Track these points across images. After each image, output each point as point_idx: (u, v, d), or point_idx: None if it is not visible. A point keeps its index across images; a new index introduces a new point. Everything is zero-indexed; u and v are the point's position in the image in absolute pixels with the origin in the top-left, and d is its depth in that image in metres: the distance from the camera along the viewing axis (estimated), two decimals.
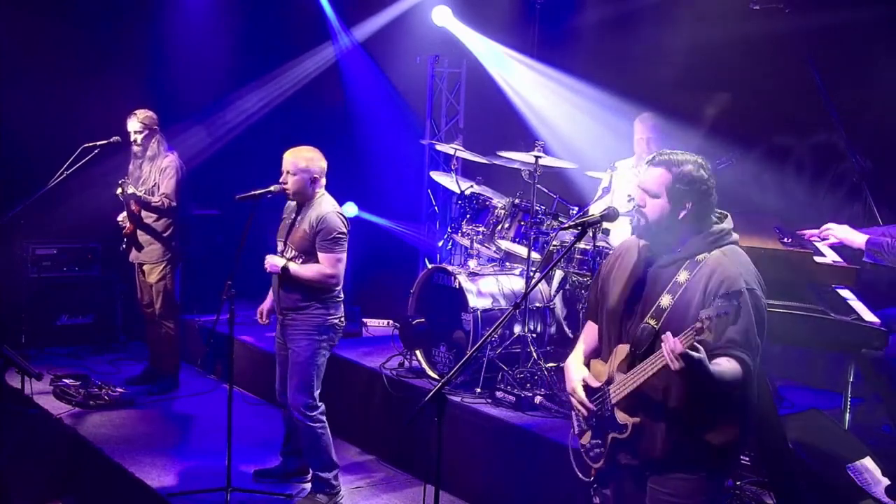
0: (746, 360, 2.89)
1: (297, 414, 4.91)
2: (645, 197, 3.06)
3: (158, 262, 6.61)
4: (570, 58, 7.41)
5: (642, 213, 3.07)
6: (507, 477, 5.07)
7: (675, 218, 3.03)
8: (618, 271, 3.25)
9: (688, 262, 3.01)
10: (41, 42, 7.91)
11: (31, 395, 6.10)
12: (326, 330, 4.93)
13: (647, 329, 2.99)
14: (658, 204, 3.04)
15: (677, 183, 3.01)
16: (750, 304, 2.92)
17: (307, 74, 8.89)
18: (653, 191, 3.04)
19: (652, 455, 3.04)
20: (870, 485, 4.03)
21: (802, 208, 5.77)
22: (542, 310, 5.97)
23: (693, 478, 3.04)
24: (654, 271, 3.10)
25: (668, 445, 3.00)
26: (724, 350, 2.88)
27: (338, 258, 4.85)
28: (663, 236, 3.08)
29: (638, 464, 3.11)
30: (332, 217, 4.85)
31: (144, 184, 6.50)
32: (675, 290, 2.97)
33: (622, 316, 3.14)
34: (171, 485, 5.19)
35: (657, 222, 3.05)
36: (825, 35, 5.78)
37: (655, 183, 3.04)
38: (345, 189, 7.25)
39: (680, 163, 3.03)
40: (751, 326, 2.91)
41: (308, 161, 4.91)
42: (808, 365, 6.07)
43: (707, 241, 3.04)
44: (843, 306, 3.84)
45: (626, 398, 3.04)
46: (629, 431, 3.05)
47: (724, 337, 2.86)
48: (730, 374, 2.86)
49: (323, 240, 4.82)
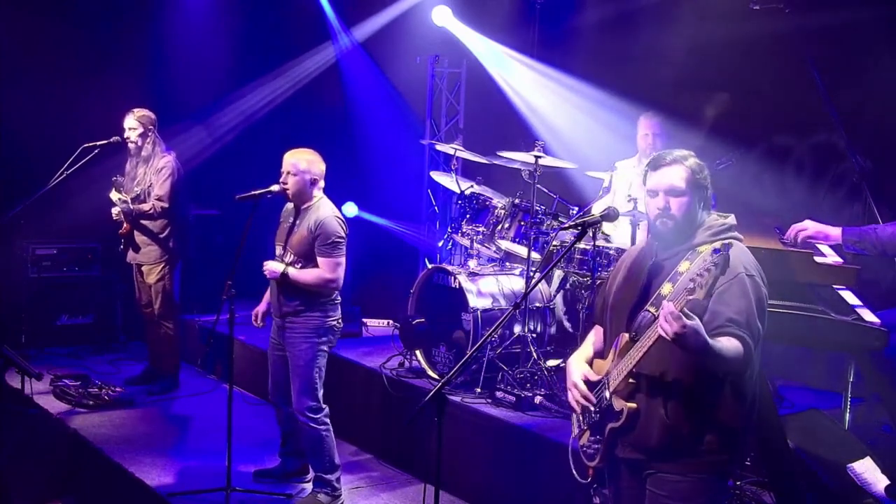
0: (747, 340, 2.89)
1: (301, 417, 4.91)
2: (667, 198, 3.08)
3: (156, 263, 6.60)
4: (570, 58, 7.41)
5: (669, 215, 3.08)
6: (507, 477, 5.07)
7: (696, 210, 3.10)
8: (622, 273, 3.28)
9: (689, 253, 3.04)
10: (41, 42, 7.91)
11: (31, 395, 6.10)
12: (325, 332, 4.93)
13: (647, 316, 3.01)
14: (685, 201, 3.08)
15: (696, 175, 3.08)
16: (750, 288, 2.94)
17: (307, 74, 8.90)
18: (678, 188, 3.07)
19: (648, 443, 3.03)
20: (870, 485, 4.03)
21: (802, 208, 5.75)
22: (542, 310, 5.97)
23: (688, 478, 3.02)
24: (657, 264, 3.14)
25: (664, 434, 2.99)
26: (725, 329, 2.89)
27: (337, 262, 4.85)
28: (683, 232, 3.11)
29: (634, 455, 3.10)
30: (331, 221, 4.85)
31: (139, 185, 6.47)
32: (676, 278, 3.00)
33: (628, 313, 3.15)
34: (171, 485, 5.19)
35: (686, 218, 3.08)
36: (825, 35, 5.78)
37: (679, 180, 3.08)
38: (345, 189, 7.26)
39: (686, 157, 3.11)
40: (751, 309, 2.93)
41: (308, 163, 4.91)
42: (808, 365, 6.07)
43: (709, 234, 3.08)
44: (843, 306, 3.83)
45: (623, 382, 3.04)
46: (624, 417, 3.04)
47: (725, 316, 2.89)
48: (729, 351, 2.85)
49: (322, 244, 4.81)
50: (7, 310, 7.26)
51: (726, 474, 3.26)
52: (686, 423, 2.99)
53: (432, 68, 8.38)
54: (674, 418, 2.98)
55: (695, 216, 3.10)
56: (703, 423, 2.99)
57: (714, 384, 2.98)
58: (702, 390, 2.98)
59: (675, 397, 2.99)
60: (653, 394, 3.02)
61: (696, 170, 3.09)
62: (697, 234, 3.09)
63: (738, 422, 3.04)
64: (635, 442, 3.07)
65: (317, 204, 4.93)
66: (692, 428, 2.99)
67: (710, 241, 3.04)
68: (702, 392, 2.98)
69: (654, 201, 3.12)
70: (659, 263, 3.13)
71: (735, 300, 2.91)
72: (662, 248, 3.17)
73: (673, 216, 3.08)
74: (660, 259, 3.15)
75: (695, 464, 3.02)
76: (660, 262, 3.13)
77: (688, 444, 3.00)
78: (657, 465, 3.07)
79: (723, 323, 2.90)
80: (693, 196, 3.08)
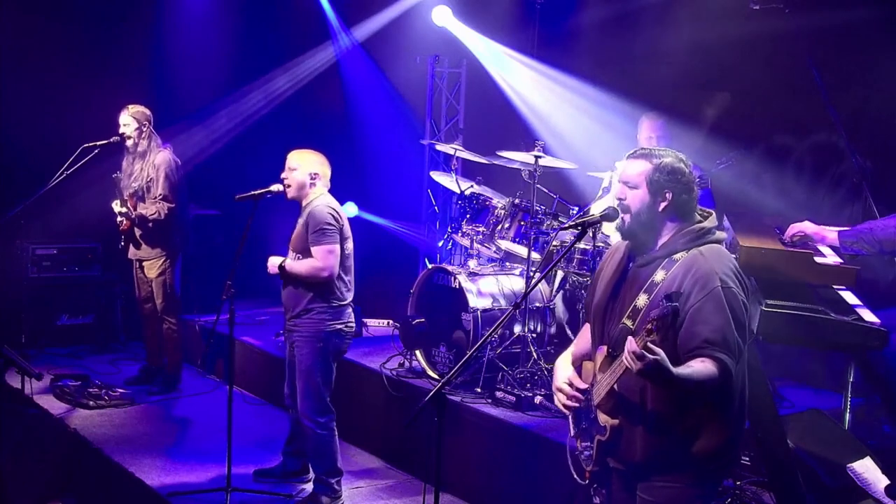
0: (724, 360, 2.80)
1: (304, 420, 4.91)
2: (625, 189, 3.04)
3: (157, 257, 6.56)
4: (571, 58, 7.40)
5: (624, 206, 3.03)
6: (507, 477, 5.07)
7: (654, 210, 3.00)
8: (605, 272, 3.23)
9: (665, 261, 2.97)
10: (41, 42, 7.91)
11: (31, 395, 6.10)
12: (329, 336, 4.89)
13: (623, 329, 2.96)
14: (638, 195, 3.01)
15: (657, 172, 2.99)
16: (726, 302, 2.85)
17: (307, 74, 8.89)
18: (633, 181, 3.02)
19: (632, 458, 3.00)
20: (870, 485, 4.03)
21: (802, 209, 5.76)
22: (542, 310, 5.97)
23: (677, 485, 2.98)
24: (633, 271, 3.08)
25: (648, 449, 2.95)
26: (700, 351, 2.81)
27: (328, 250, 4.78)
28: (644, 232, 3.04)
29: (622, 467, 3.08)
30: (319, 209, 4.83)
31: (136, 181, 6.43)
32: (651, 289, 2.93)
33: (603, 316, 3.12)
34: (171, 485, 5.19)
35: (637, 214, 3.01)
36: (825, 35, 5.78)
37: (635, 173, 3.02)
38: (345, 189, 7.24)
39: (660, 155, 3.03)
40: (727, 325, 2.84)
41: (310, 161, 4.93)
42: (808, 365, 6.07)
43: (685, 240, 2.99)
44: (843, 306, 3.83)
45: (605, 400, 3.01)
46: (608, 433, 3.02)
47: (700, 337, 2.82)
48: (701, 375, 2.76)
49: (311, 233, 4.79)
50: (7, 310, 7.26)
51: (718, 480, 3.23)
52: (668, 438, 2.94)
53: (432, 68, 8.37)
54: (656, 434, 2.94)
55: (652, 216, 3.00)
56: (686, 438, 2.94)
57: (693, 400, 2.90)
58: (682, 408, 2.91)
59: (655, 414, 2.93)
60: (633, 410, 2.97)
61: (664, 169, 2.98)
62: (673, 241, 3.00)
63: (725, 433, 2.98)
64: (621, 456, 3.05)
65: (315, 200, 4.93)
66: (675, 443, 2.94)
67: (685, 249, 2.97)
68: (683, 409, 2.91)
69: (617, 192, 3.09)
70: (635, 271, 3.06)
71: (711, 317, 2.82)
72: (635, 248, 3.10)
73: (626, 207, 3.02)
74: (637, 265, 3.07)
75: (683, 475, 2.98)
76: (636, 270, 3.06)
77: (673, 459, 2.96)
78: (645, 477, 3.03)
79: (699, 344, 2.82)
80: (650, 193, 2.99)
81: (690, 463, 2.95)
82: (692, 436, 2.94)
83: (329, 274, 4.81)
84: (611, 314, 3.08)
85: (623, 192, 3.05)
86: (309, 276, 4.82)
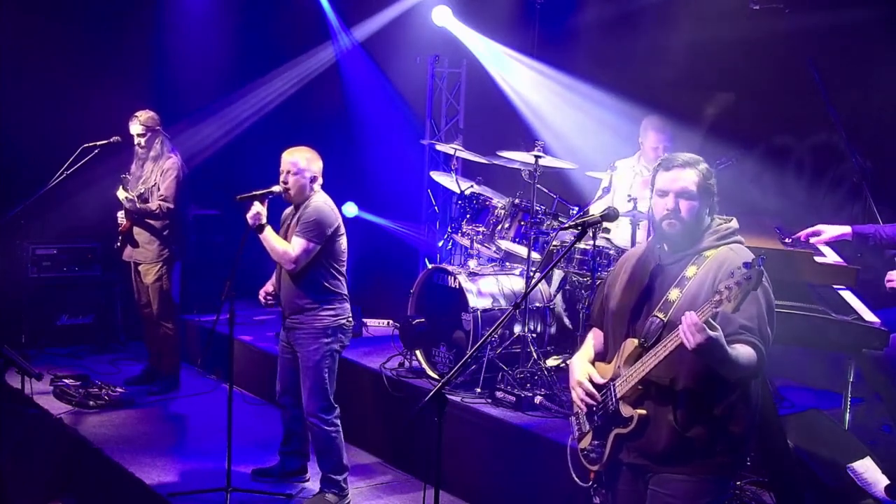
0: (759, 346, 2.91)
1: (312, 419, 4.90)
2: (679, 200, 3.08)
3: (154, 263, 6.60)
4: (570, 58, 7.40)
5: (678, 217, 3.07)
6: (507, 477, 5.07)
7: (703, 215, 3.11)
8: (623, 276, 3.27)
9: (695, 258, 3.06)
10: (41, 42, 7.91)
11: (31, 395, 6.09)
12: (335, 331, 4.92)
13: (655, 322, 3.01)
14: (695, 205, 3.08)
15: (706, 181, 3.10)
16: (760, 294, 2.93)
17: (307, 74, 8.89)
18: (690, 192, 3.07)
19: (656, 448, 3.03)
20: (870, 485, 4.03)
21: (802, 209, 5.77)
22: (542, 310, 5.97)
23: (693, 479, 3.03)
24: (661, 269, 3.14)
25: (673, 438, 2.99)
26: (737, 336, 2.90)
27: (307, 247, 4.78)
28: (689, 235, 3.11)
29: (640, 461, 3.10)
30: (316, 206, 4.85)
31: (145, 183, 6.49)
32: (683, 283, 3.01)
33: (630, 316, 3.15)
34: (171, 485, 5.19)
35: (694, 222, 3.09)
36: (825, 35, 5.78)
37: (691, 184, 3.08)
38: (345, 189, 7.26)
39: (697, 161, 3.12)
40: (762, 315, 2.95)
41: (308, 161, 4.93)
42: (808, 365, 6.05)
43: (714, 238, 3.10)
44: (843, 306, 3.84)
45: (632, 390, 3.04)
46: (634, 423, 3.04)
47: (737, 323, 2.90)
48: (745, 358, 2.88)
49: (303, 222, 4.80)
50: (7, 310, 7.26)
51: (732, 474, 3.27)
52: (695, 428, 2.99)
53: (432, 68, 8.37)
54: (683, 424, 2.99)
55: (702, 220, 3.11)
56: (712, 428, 3.00)
57: (725, 390, 2.98)
58: (712, 397, 2.99)
59: (684, 403, 2.99)
60: (662, 400, 3.02)
61: (707, 175, 3.11)
62: (704, 239, 3.10)
63: (745, 424, 3.06)
64: (642, 448, 3.07)
65: (313, 199, 4.92)
66: (701, 433, 2.99)
67: (715, 246, 3.07)
68: (712, 398, 2.99)
69: (662, 201, 3.10)
70: (663, 267, 3.13)
71: (747, 306, 2.86)
72: (667, 251, 3.16)
73: (682, 218, 3.08)
74: (664, 263, 3.14)
75: (702, 466, 3.03)
76: (664, 266, 3.13)
77: (696, 449, 3.00)
78: (663, 468, 3.06)
79: (736, 329, 2.91)
80: (702, 201, 3.09)
81: (710, 455, 3.01)
82: (717, 427, 3.00)
83: (293, 268, 4.82)
84: (638, 314, 3.12)
85: (675, 202, 3.07)
86: (277, 255, 4.82)
